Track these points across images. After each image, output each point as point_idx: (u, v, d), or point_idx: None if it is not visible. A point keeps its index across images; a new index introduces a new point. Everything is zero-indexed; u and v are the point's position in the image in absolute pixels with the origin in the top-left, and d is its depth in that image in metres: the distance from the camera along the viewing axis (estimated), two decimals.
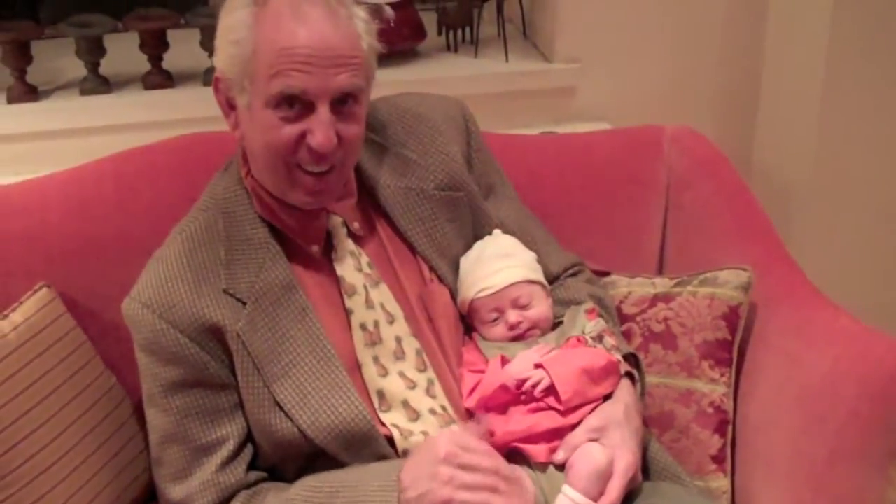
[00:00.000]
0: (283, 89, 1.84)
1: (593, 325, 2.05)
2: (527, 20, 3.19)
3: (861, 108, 2.91)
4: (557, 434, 1.93)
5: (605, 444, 1.90)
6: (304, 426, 1.92)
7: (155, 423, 2.00)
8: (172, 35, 2.87)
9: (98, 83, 2.82)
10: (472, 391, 2.01)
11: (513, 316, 2.06)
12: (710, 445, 2.21)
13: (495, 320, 2.07)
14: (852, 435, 2.02)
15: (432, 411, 1.98)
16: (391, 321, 2.03)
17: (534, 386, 1.94)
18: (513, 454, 1.93)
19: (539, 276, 2.12)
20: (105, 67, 2.84)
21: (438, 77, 2.94)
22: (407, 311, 2.06)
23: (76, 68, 2.84)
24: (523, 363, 1.99)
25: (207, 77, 2.85)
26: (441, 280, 2.10)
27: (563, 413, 1.93)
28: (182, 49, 2.90)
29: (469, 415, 2.00)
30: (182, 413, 1.95)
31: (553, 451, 1.92)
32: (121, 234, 2.30)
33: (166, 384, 1.95)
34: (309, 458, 1.96)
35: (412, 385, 2.00)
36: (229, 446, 1.96)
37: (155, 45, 2.84)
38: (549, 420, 1.94)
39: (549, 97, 3.03)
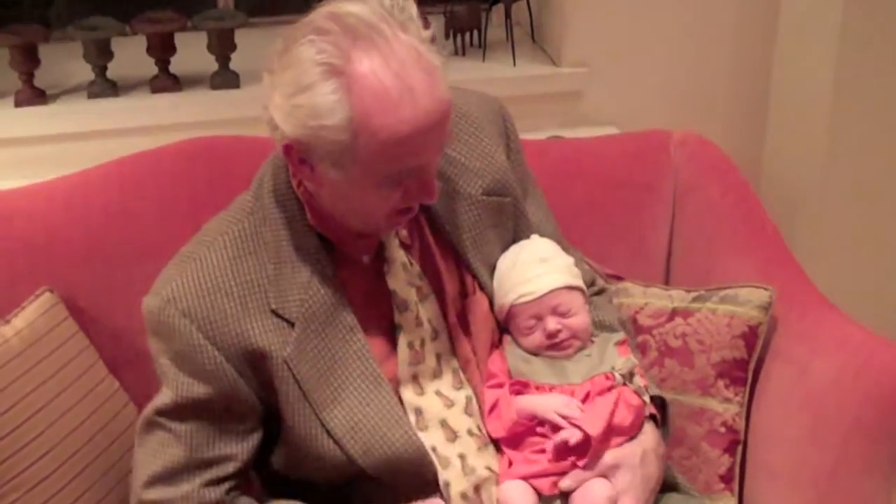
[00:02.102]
0: (403, 171, 1.73)
1: (623, 363, 1.98)
2: (535, 24, 3.18)
3: (870, 114, 2.90)
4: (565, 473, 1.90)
5: (612, 484, 1.87)
6: (356, 456, 1.85)
7: (160, 421, 1.85)
8: (180, 38, 2.87)
9: (105, 86, 2.83)
10: (491, 409, 1.96)
11: (552, 323, 1.97)
12: (719, 465, 2.21)
13: (532, 327, 1.99)
14: (857, 442, 2.02)
15: (470, 432, 1.93)
16: (434, 337, 1.97)
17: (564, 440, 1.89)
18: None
19: (579, 281, 2.04)
20: (112, 71, 2.84)
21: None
22: (450, 324, 1.99)
23: (84, 72, 2.85)
24: (546, 407, 1.93)
25: (214, 81, 2.86)
26: (482, 288, 2.02)
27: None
28: (189, 52, 2.90)
29: (491, 438, 1.96)
30: (195, 425, 1.84)
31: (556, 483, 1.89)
32: (125, 238, 2.30)
33: (188, 397, 1.82)
34: (351, 478, 1.89)
35: (450, 404, 1.95)
36: (228, 468, 1.86)
37: (162, 49, 2.84)
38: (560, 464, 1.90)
39: (556, 101, 3.03)
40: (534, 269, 2.00)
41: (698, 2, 3.06)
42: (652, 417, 1.98)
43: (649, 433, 1.95)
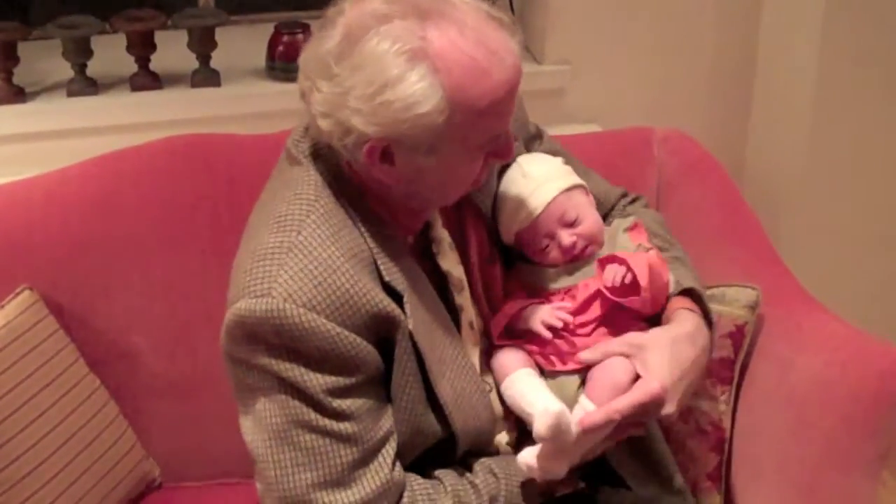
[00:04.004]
0: (492, 136, 1.69)
1: (633, 246, 1.93)
2: (517, 22, 3.16)
3: (853, 110, 2.91)
4: (571, 356, 1.87)
5: (636, 365, 1.80)
6: (457, 427, 1.79)
7: (312, 428, 1.68)
8: (160, 36, 2.85)
9: (85, 84, 2.81)
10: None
11: (565, 238, 1.92)
12: (706, 463, 2.19)
13: (548, 246, 1.93)
14: (842, 439, 2.01)
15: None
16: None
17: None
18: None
19: (570, 178, 1.97)
20: (92, 69, 2.82)
21: None
22: (476, 298, 1.94)
23: (63, 70, 2.82)
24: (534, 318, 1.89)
25: (195, 79, 2.85)
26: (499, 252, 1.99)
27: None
28: (170, 50, 2.88)
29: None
30: (358, 413, 1.70)
31: (561, 361, 1.87)
32: (105, 236, 2.29)
33: (339, 390, 1.68)
34: (426, 454, 1.83)
35: (490, 388, 1.92)
36: (394, 440, 1.75)
37: (142, 47, 2.82)
38: (566, 344, 1.88)
39: (538, 99, 2.98)
40: (521, 187, 1.94)
41: None
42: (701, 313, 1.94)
43: (684, 320, 1.90)
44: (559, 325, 1.87)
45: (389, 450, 1.74)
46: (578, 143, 2.66)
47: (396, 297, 1.73)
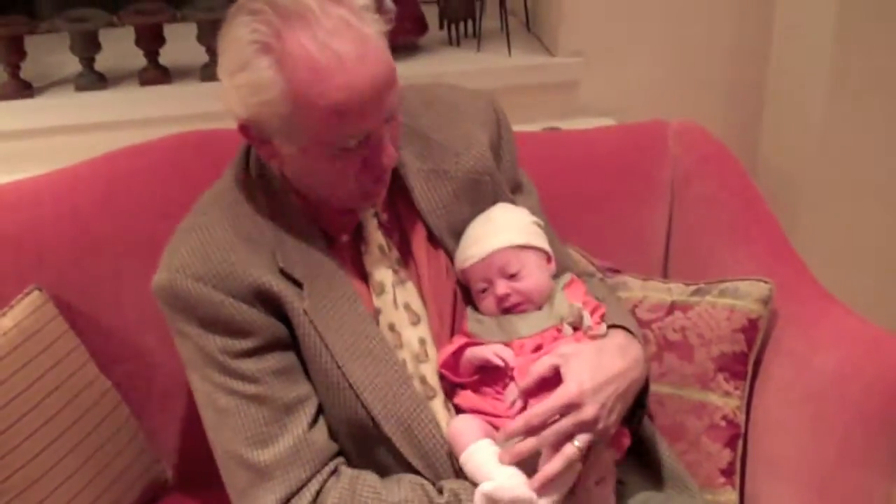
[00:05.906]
0: (346, 142, 1.76)
1: (569, 311, 1.93)
2: (530, 13, 3.17)
3: (867, 102, 2.91)
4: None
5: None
6: (375, 412, 1.86)
7: (225, 389, 1.85)
8: (169, 30, 2.85)
9: (93, 79, 2.81)
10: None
11: (500, 287, 1.93)
12: (720, 459, 2.19)
13: (485, 291, 1.96)
14: (859, 436, 2.01)
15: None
16: (415, 322, 1.95)
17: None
18: None
19: (531, 239, 1.99)
20: (100, 63, 2.83)
21: (440, 71, 2.91)
22: (430, 310, 1.98)
23: (71, 64, 2.83)
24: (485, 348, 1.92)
25: (205, 73, 2.84)
26: None
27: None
28: (178, 44, 2.88)
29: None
30: (261, 374, 1.84)
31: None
32: (114, 234, 2.27)
33: (237, 352, 1.84)
34: (367, 444, 1.90)
35: (432, 394, 1.94)
36: (314, 402, 1.87)
37: (151, 40, 2.82)
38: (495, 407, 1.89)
39: (552, 92, 3.01)
40: (479, 230, 1.99)
41: None
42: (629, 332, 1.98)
43: (615, 335, 1.94)
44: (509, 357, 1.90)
45: (305, 412, 1.86)
46: (592, 137, 2.67)
47: (297, 284, 1.87)
